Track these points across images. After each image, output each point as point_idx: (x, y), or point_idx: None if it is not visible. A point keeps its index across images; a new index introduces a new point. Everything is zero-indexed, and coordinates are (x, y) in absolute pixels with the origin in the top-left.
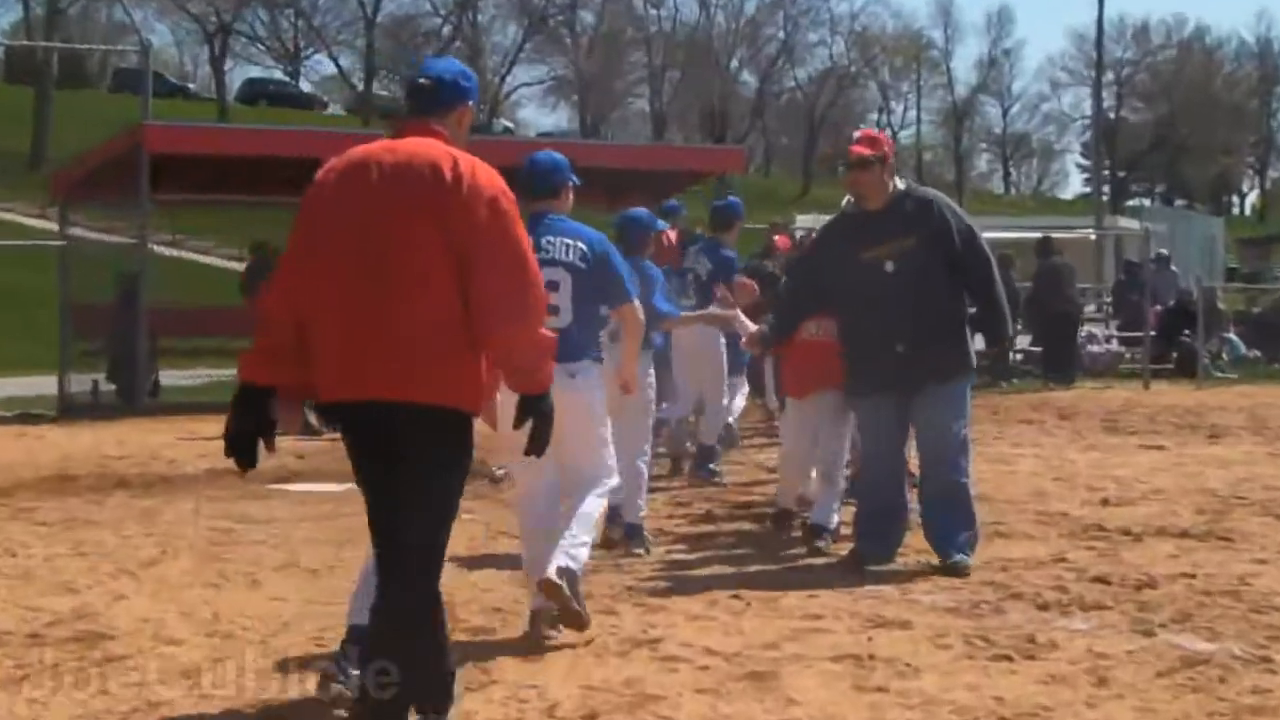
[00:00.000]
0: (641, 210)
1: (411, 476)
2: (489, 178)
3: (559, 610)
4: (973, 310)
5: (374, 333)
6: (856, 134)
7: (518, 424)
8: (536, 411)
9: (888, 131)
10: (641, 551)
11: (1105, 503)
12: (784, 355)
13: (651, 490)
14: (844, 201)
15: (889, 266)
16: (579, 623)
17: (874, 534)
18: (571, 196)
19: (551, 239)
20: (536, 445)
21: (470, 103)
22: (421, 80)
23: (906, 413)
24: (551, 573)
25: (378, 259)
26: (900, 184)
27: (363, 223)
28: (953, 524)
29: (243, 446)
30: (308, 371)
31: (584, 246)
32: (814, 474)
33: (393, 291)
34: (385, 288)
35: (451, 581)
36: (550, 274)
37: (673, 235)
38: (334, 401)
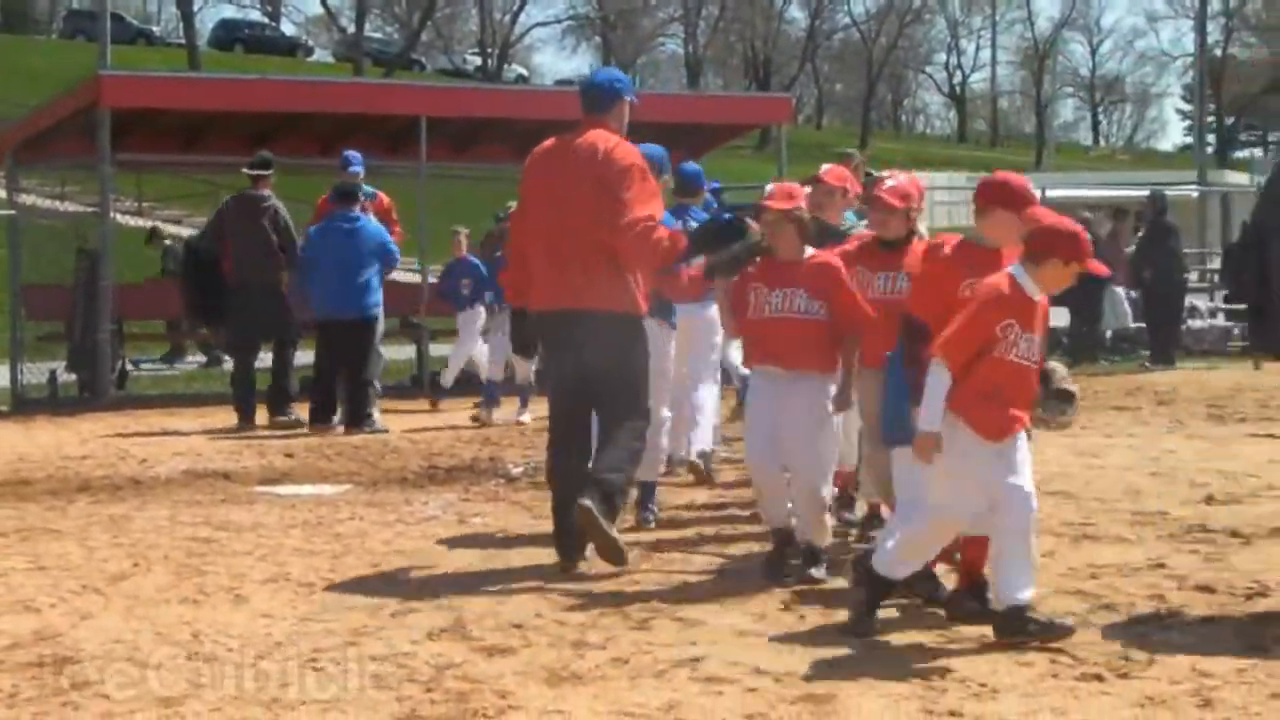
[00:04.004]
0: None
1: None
2: (626, 152)
3: None
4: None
5: (563, 262)
6: None
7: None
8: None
9: (957, 75)
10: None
11: (1210, 500)
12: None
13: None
14: None
15: None
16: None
17: None
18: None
19: None
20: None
21: (626, 98)
22: (585, 90)
23: None
24: None
25: (562, 212)
26: None
27: (555, 187)
28: None
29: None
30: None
31: None
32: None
33: (570, 233)
34: (567, 231)
35: (462, 594)
36: None
37: None
38: (543, 309)
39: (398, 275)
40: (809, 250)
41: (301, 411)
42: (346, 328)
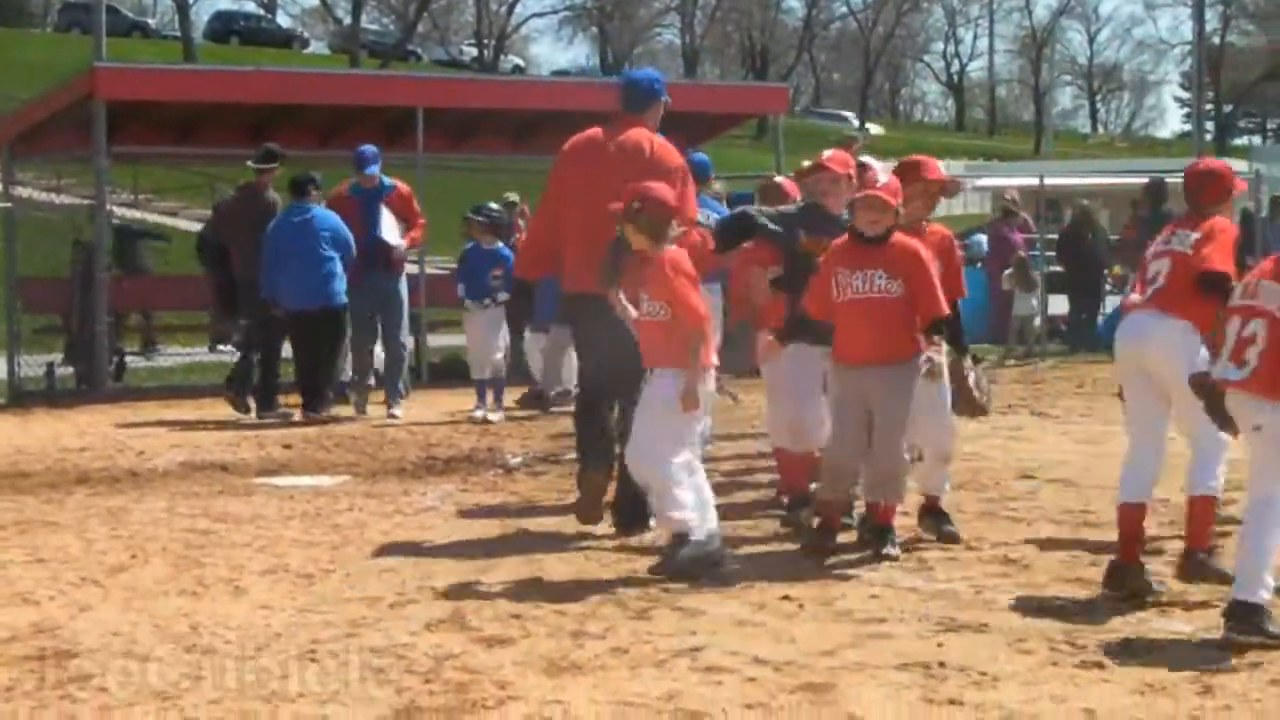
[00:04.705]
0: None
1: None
2: (669, 153)
3: None
4: None
5: (602, 249)
6: None
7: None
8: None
9: (955, 64)
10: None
11: None
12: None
13: None
14: None
15: None
16: None
17: None
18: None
19: None
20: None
21: (662, 100)
22: (626, 89)
23: None
24: None
25: (603, 201)
26: None
27: (597, 176)
28: None
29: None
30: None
31: None
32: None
33: (612, 222)
34: (608, 219)
35: (461, 585)
36: None
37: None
38: (575, 292)
39: None
40: (667, 246)
41: (289, 405)
42: (314, 317)
